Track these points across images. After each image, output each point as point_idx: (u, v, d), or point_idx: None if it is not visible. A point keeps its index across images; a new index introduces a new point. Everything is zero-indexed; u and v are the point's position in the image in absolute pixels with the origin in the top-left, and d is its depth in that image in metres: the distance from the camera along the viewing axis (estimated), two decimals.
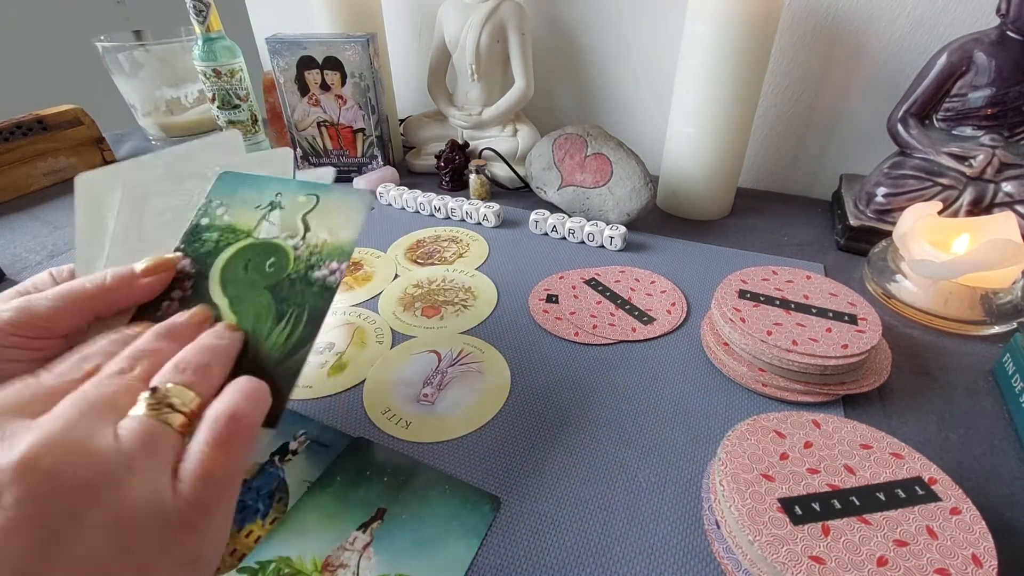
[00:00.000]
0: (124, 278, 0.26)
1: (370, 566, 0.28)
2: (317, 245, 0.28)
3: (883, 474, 0.28)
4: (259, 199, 0.30)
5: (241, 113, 0.72)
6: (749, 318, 0.39)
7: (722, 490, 0.27)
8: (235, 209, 0.30)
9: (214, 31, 0.67)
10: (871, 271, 0.50)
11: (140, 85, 0.78)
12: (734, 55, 0.53)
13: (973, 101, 0.51)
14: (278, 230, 0.29)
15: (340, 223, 0.29)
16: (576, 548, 0.29)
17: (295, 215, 0.30)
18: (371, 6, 0.72)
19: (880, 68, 0.61)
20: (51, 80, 1.29)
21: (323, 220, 0.29)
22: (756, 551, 0.25)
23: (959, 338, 0.44)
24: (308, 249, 0.28)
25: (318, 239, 0.29)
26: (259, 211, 0.30)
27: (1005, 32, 0.49)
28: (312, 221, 0.29)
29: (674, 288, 0.50)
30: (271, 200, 0.30)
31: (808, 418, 0.31)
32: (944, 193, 0.52)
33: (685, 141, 0.59)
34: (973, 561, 0.24)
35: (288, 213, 0.30)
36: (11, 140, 0.66)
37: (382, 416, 0.37)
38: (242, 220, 0.30)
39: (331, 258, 0.28)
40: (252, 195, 0.31)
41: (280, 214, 0.30)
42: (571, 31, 0.74)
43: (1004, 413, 0.37)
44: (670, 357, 0.42)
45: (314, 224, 0.29)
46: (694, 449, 0.34)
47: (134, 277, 0.27)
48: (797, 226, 0.62)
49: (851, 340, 0.37)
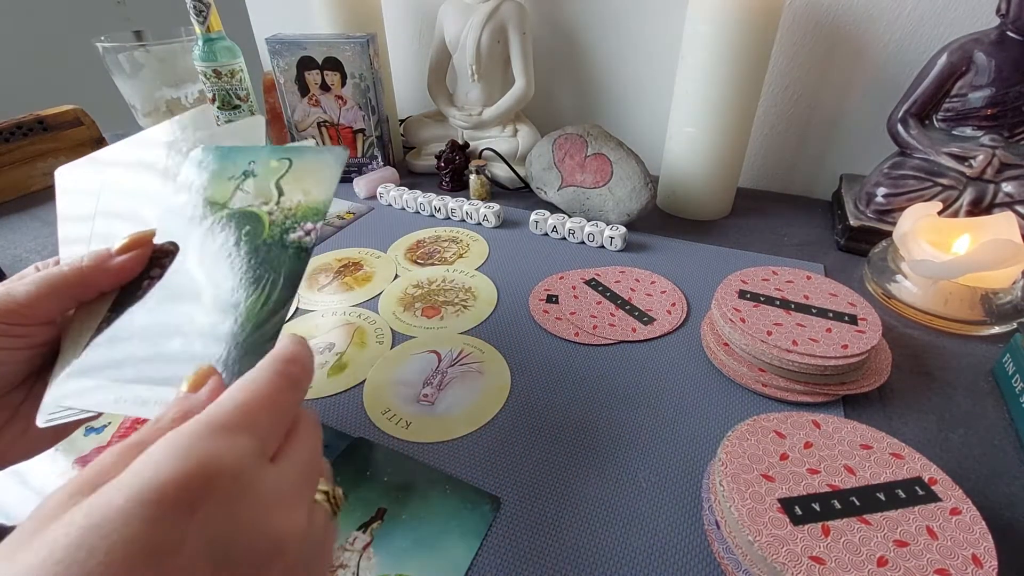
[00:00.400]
0: (101, 258, 0.26)
1: (370, 566, 0.28)
2: (291, 208, 0.28)
3: (883, 474, 0.28)
4: (233, 170, 0.30)
5: (241, 113, 0.72)
6: (749, 318, 0.39)
7: (722, 490, 0.27)
8: (210, 180, 0.30)
9: (214, 31, 0.67)
10: (871, 271, 0.50)
11: (140, 85, 0.78)
12: (734, 55, 0.53)
13: (973, 101, 0.51)
14: (252, 198, 0.29)
15: (313, 183, 0.28)
16: (576, 548, 0.29)
17: (268, 181, 0.29)
18: (371, 6, 0.72)
19: (880, 68, 0.61)
20: (51, 80, 1.29)
21: (297, 182, 0.29)
22: (756, 551, 0.25)
23: (959, 338, 0.44)
24: (283, 213, 0.28)
25: (292, 202, 0.28)
26: (233, 181, 0.30)
27: (1005, 32, 0.49)
28: (286, 185, 0.29)
29: (674, 288, 0.50)
30: (244, 169, 0.30)
31: (808, 418, 0.31)
32: (944, 193, 0.52)
33: (685, 141, 0.59)
34: (973, 561, 0.24)
35: (261, 180, 0.29)
36: (11, 140, 0.66)
37: (382, 416, 0.37)
38: (217, 192, 0.30)
39: (305, 219, 0.27)
40: (226, 167, 0.30)
41: (254, 182, 0.29)
42: (571, 31, 0.74)
43: (1004, 413, 0.37)
44: (670, 357, 0.42)
45: (288, 188, 0.29)
46: (694, 449, 0.34)
47: (110, 257, 0.26)
48: (797, 226, 0.62)
49: (851, 340, 0.37)
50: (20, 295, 0.24)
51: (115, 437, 0.35)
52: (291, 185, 0.29)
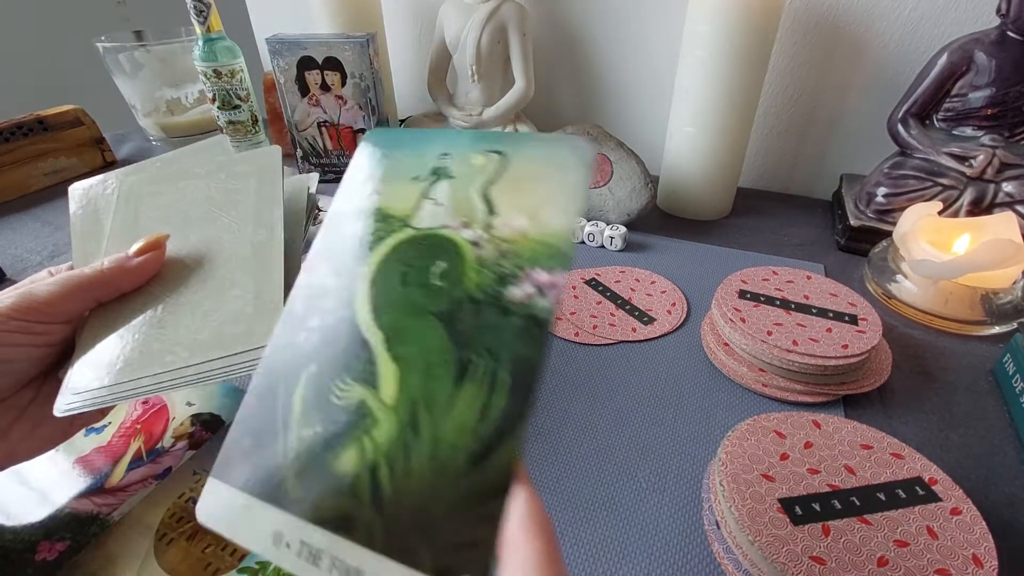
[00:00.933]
0: (120, 260, 0.27)
1: None
2: (509, 239, 0.18)
3: (883, 474, 0.28)
4: (418, 166, 0.20)
5: (241, 113, 0.72)
6: (749, 318, 0.39)
7: (722, 490, 0.27)
8: (385, 183, 0.20)
9: (214, 31, 0.67)
10: (871, 271, 0.50)
11: (140, 85, 0.78)
12: (735, 55, 0.53)
13: (973, 101, 0.51)
14: (446, 213, 0.19)
15: (545, 198, 0.18)
16: (576, 548, 0.29)
17: (470, 187, 0.19)
18: (371, 6, 0.72)
19: (880, 68, 0.61)
20: (51, 80, 1.29)
21: (516, 195, 0.18)
22: (756, 551, 0.25)
23: (959, 338, 0.44)
24: (495, 245, 0.18)
25: (510, 228, 0.18)
26: (418, 184, 0.20)
27: (1005, 32, 0.49)
28: (499, 196, 0.19)
29: (674, 288, 0.50)
30: (435, 166, 0.20)
31: (808, 418, 0.31)
32: (944, 193, 0.52)
33: (685, 141, 0.59)
34: (973, 561, 0.24)
35: (461, 184, 0.19)
36: (12, 140, 0.66)
37: None
38: (395, 200, 0.20)
39: (535, 262, 0.17)
40: (408, 161, 0.20)
41: (449, 187, 0.19)
42: (571, 31, 0.74)
43: (1004, 413, 0.37)
44: (670, 357, 0.42)
45: (502, 201, 0.18)
46: (694, 449, 0.34)
47: (128, 259, 0.27)
48: (797, 226, 0.62)
49: (851, 340, 0.37)
50: (42, 294, 0.25)
51: (115, 437, 0.35)
52: (507, 198, 0.18)
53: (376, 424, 0.16)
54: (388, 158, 0.21)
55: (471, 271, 0.17)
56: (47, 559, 0.28)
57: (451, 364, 0.16)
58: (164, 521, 0.30)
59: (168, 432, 0.35)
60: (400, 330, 0.17)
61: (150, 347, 0.26)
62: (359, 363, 0.17)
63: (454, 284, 0.17)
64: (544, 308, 0.16)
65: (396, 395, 0.16)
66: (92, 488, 0.32)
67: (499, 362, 0.16)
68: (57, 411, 0.25)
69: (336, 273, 0.19)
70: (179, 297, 0.28)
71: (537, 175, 0.18)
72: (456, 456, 0.15)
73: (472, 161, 0.19)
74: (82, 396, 0.25)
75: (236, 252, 0.30)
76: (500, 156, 0.19)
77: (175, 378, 0.25)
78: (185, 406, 0.37)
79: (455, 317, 0.17)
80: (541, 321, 0.16)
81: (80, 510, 0.30)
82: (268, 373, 0.17)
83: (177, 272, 0.29)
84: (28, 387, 0.27)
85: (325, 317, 0.18)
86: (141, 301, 0.28)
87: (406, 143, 0.21)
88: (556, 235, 0.17)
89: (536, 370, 0.15)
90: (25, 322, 0.24)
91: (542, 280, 0.16)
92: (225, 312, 0.27)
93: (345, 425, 0.16)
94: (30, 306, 0.25)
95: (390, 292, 0.18)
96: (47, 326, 0.25)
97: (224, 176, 0.33)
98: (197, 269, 0.29)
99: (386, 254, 0.19)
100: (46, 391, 0.27)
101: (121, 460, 0.33)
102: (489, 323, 0.16)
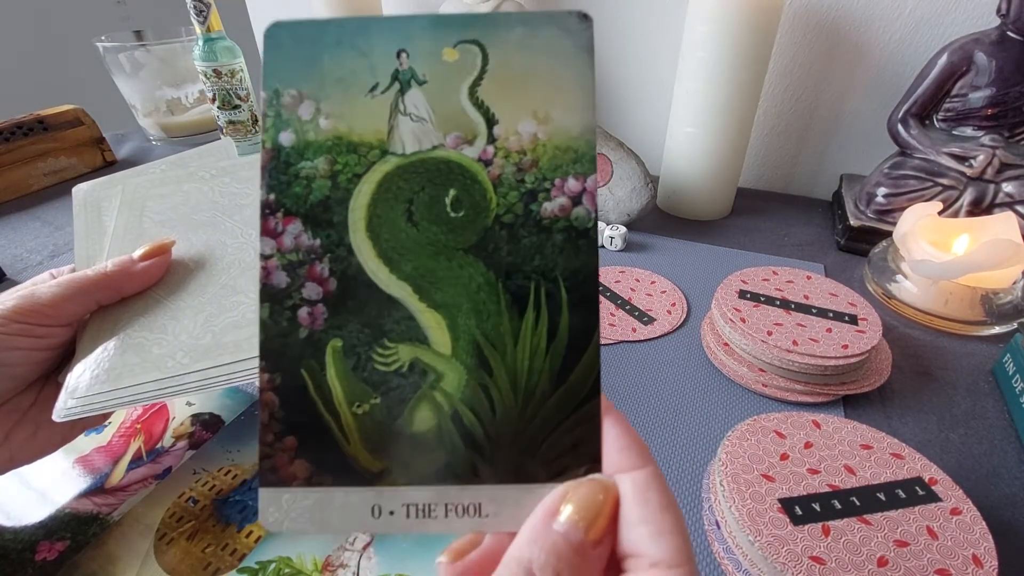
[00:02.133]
0: (124, 263, 0.27)
1: (370, 566, 0.28)
2: (522, 150, 0.16)
3: (883, 474, 0.28)
4: (368, 71, 0.16)
5: (241, 113, 0.72)
6: (749, 318, 0.39)
7: (722, 490, 0.27)
8: (334, 100, 0.16)
9: (214, 31, 0.67)
10: (871, 271, 0.50)
11: (140, 85, 0.78)
12: (734, 55, 0.53)
13: (973, 101, 0.51)
14: (433, 130, 0.16)
15: (548, 96, 0.16)
16: None
17: (453, 92, 0.16)
18: (371, 6, 0.72)
19: (880, 68, 0.61)
20: (51, 80, 1.29)
21: (513, 95, 0.16)
22: (756, 551, 0.25)
23: (959, 338, 0.44)
24: (508, 160, 0.16)
25: (520, 137, 0.16)
26: (381, 97, 0.16)
27: (1005, 32, 0.49)
28: (492, 100, 0.16)
29: (674, 288, 0.50)
30: (394, 68, 0.16)
31: (808, 418, 0.31)
32: (944, 193, 0.52)
33: (685, 141, 0.59)
34: (973, 561, 0.24)
35: (438, 90, 0.16)
36: (12, 140, 0.66)
37: None
38: (357, 122, 0.16)
39: (560, 171, 0.15)
40: (353, 65, 0.16)
41: (423, 95, 0.16)
42: None
43: (1004, 413, 0.37)
44: (670, 357, 0.42)
45: (498, 106, 0.16)
46: (694, 449, 0.34)
47: (133, 263, 0.27)
48: (797, 226, 0.62)
49: (851, 340, 0.37)
50: (45, 296, 0.25)
51: (115, 437, 0.35)
52: (504, 99, 0.16)
53: (441, 377, 0.15)
54: (319, 64, 0.16)
55: (490, 193, 0.16)
56: (47, 559, 0.28)
57: (502, 296, 0.15)
58: (164, 521, 0.30)
59: (168, 432, 0.35)
60: (428, 276, 0.16)
61: (151, 352, 0.26)
62: (394, 322, 0.16)
63: (476, 213, 0.16)
64: (584, 217, 0.15)
65: (451, 343, 0.15)
66: (92, 488, 0.32)
67: (553, 281, 0.15)
68: (56, 415, 0.24)
69: (312, 228, 0.16)
70: (181, 301, 0.28)
71: (530, 68, 0.16)
72: (538, 380, 0.15)
73: (443, 58, 0.16)
74: (82, 401, 0.25)
75: (239, 257, 0.30)
76: (477, 47, 0.16)
77: (176, 384, 0.25)
78: (185, 406, 0.37)
79: (488, 248, 0.15)
80: (584, 231, 0.15)
81: (80, 510, 0.30)
82: (277, 364, 0.15)
83: (180, 276, 0.29)
84: (29, 390, 0.27)
85: (323, 284, 0.16)
86: (143, 304, 0.28)
87: (338, 40, 0.16)
88: (575, 137, 0.15)
89: (593, 277, 0.15)
90: (27, 325, 0.24)
91: (574, 189, 0.15)
92: (227, 318, 0.27)
93: (405, 388, 0.15)
94: (32, 308, 0.24)
95: (397, 235, 0.16)
96: (49, 329, 0.25)
97: (228, 180, 0.33)
98: (199, 273, 0.29)
99: (374, 192, 0.16)
100: (47, 394, 0.27)
101: (121, 460, 0.33)
102: (530, 245, 0.15)
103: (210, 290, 0.28)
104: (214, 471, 0.32)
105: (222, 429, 0.35)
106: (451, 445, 0.15)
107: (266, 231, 0.16)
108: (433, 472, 0.15)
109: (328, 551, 0.28)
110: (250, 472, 0.32)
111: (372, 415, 0.15)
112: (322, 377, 0.15)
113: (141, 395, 0.25)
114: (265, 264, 0.16)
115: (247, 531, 0.29)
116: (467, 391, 0.15)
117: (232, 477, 0.32)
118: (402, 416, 0.15)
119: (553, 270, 0.15)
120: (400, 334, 0.16)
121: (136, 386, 0.25)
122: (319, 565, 0.28)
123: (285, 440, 0.15)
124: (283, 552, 0.28)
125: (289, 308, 0.15)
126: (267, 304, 0.15)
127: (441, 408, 0.15)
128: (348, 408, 0.15)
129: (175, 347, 0.26)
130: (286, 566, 0.28)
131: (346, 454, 0.15)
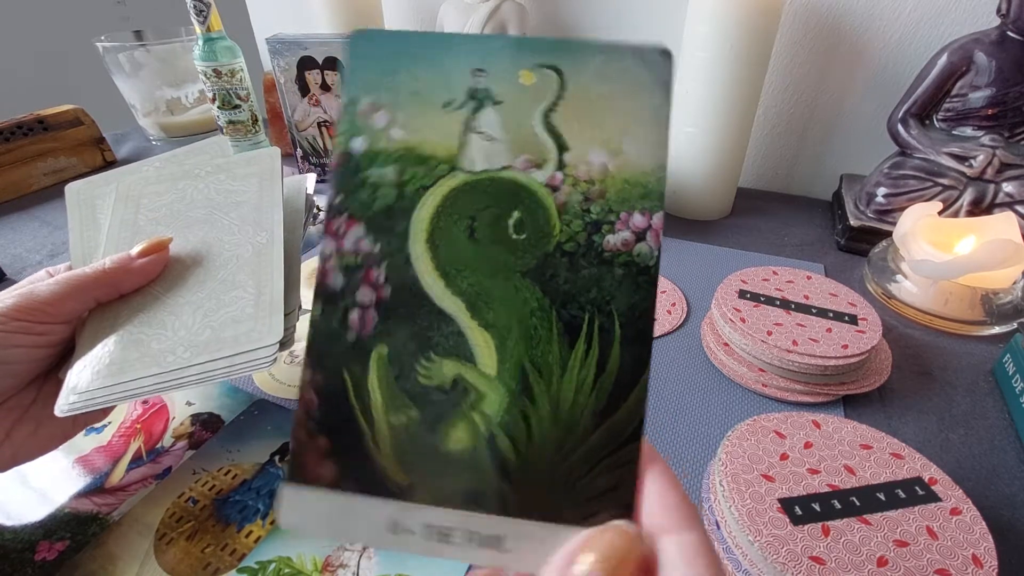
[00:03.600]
0: (123, 260, 0.27)
1: (370, 566, 0.28)
2: (591, 179, 0.16)
3: (883, 474, 0.28)
4: (445, 87, 0.16)
5: (241, 113, 0.72)
6: (749, 318, 0.39)
7: (722, 490, 0.27)
8: (408, 111, 0.16)
9: (214, 31, 0.67)
10: (871, 271, 0.50)
11: (140, 85, 0.78)
12: (735, 55, 0.53)
13: (973, 101, 0.51)
14: (505, 150, 0.16)
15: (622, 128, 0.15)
16: None
17: (527, 115, 0.16)
18: (371, 6, 0.72)
19: (880, 68, 0.61)
20: (51, 80, 1.29)
21: (586, 124, 0.16)
22: (756, 551, 0.25)
23: (959, 338, 0.44)
24: (576, 188, 0.16)
25: (590, 166, 0.16)
26: (455, 113, 0.16)
27: (1005, 32, 0.49)
28: (565, 127, 0.16)
29: (674, 288, 0.50)
30: (470, 86, 0.16)
31: (808, 418, 0.31)
32: (944, 193, 0.52)
33: (685, 141, 0.59)
34: (973, 561, 0.24)
35: (512, 112, 0.16)
36: (11, 140, 0.66)
37: None
38: (429, 135, 0.16)
39: (627, 205, 0.15)
40: (431, 79, 0.16)
41: (497, 115, 0.16)
42: (571, 31, 0.74)
43: (1004, 413, 0.37)
44: (670, 357, 0.42)
45: (572, 133, 0.16)
46: (694, 449, 0.34)
47: (131, 260, 0.27)
48: (797, 226, 0.62)
49: (851, 340, 0.37)
50: (44, 294, 0.25)
51: (115, 437, 0.35)
52: (576, 127, 0.16)
53: (482, 398, 0.15)
54: (397, 76, 0.16)
55: (554, 220, 0.15)
56: (46, 559, 0.28)
57: (554, 324, 0.15)
58: (164, 521, 0.30)
59: (168, 432, 0.35)
60: (483, 295, 0.15)
61: (151, 347, 0.26)
62: (442, 336, 0.15)
63: (539, 237, 0.15)
64: (647, 254, 0.15)
65: (497, 365, 0.15)
66: (92, 488, 0.32)
67: (608, 315, 0.15)
68: (58, 411, 0.25)
69: (374, 234, 0.16)
70: (179, 297, 0.28)
71: (607, 98, 0.16)
72: (581, 415, 0.15)
73: (519, 80, 0.16)
74: (83, 396, 0.25)
75: (237, 253, 0.30)
76: (555, 73, 0.16)
77: (176, 378, 0.25)
78: (185, 405, 0.37)
79: (547, 273, 0.15)
80: (645, 268, 0.15)
81: (80, 510, 0.30)
82: (320, 363, 0.15)
83: (178, 272, 0.29)
84: (29, 388, 0.27)
85: (377, 290, 0.15)
86: (141, 301, 0.28)
87: (417, 53, 0.16)
88: (646, 172, 0.15)
89: (648, 315, 0.15)
90: (27, 322, 0.24)
91: (639, 224, 0.15)
92: (226, 313, 0.27)
93: (444, 404, 0.15)
94: (31, 306, 0.25)
95: (457, 250, 0.16)
96: (48, 326, 0.25)
97: (225, 177, 0.33)
98: (197, 270, 0.29)
99: (438, 205, 0.16)
100: (47, 391, 0.27)
101: (121, 460, 0.33)
102: (589, 276, 0.15)
103: (208, 285, 0.28)
104: (214, 471, 0.32)
105: (222, 429, 0.35)
106: (482, 470, 0.15)
107: (329, 232, 0.16)
108: (459, 495, 0.15)
109: (328, 551, 0.28)
110: (250, 472, 0.32)
111: (408, 427, 0.15)
112: (363, 383, 0.15)
113: (141, 389, 0.25)
114: (323, 265, 0.16)
115: (247, 531, 0.29)
116: (507, 416, 0.15)
117: (232, 477, 0.32)
118: (437, 433, 0.15)
119: (609, 304, 0.15)
120: (447, 349, 0.15)
121: (136, 380, 0.25)
122: (319, 565, 0.28)
123: (318, 439, 0.15)
124: (283, 552, 0.28)
125: (341, 310, 0.15)
126: (320, 304, 0.15)
127: (478, 429, 0.15)
128: (385, 417, 0.15)
129: (175, 342, 0.26)
130: (286, 566, 0.28)
131: (376, 463, 0.15)
